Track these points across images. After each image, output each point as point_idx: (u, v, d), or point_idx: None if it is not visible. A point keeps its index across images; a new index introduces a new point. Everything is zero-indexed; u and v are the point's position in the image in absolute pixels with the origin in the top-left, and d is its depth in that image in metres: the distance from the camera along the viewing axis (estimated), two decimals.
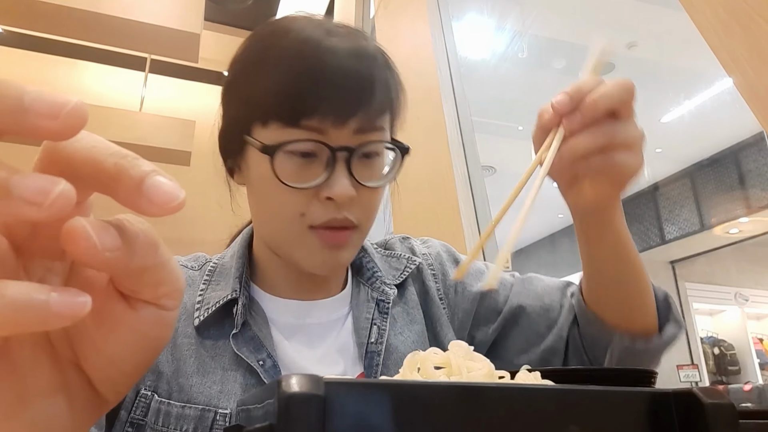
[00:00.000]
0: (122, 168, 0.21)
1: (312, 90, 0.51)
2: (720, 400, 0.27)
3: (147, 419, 0.52)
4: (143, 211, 0.21)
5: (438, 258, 0.71)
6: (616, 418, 0.28)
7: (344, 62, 0.52)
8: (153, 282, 0.24)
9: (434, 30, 1.98)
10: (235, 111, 0.58)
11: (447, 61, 1.91)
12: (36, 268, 0.24)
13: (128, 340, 0.25)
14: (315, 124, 0.52)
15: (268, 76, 0.54)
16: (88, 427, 0.27)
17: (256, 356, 0.55)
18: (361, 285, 0.65)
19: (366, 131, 0.54)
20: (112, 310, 0.24)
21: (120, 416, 0.53)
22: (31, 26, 3.14)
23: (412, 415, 0.24)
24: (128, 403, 0.53)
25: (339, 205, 0.53)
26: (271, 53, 0.55)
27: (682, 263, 6.43)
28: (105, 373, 0.26)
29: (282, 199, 0.54)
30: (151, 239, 0.23)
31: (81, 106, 0.20)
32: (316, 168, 0.53)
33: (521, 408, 0.26)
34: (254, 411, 0.29)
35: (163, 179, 0.21)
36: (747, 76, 0.75)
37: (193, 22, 3.03)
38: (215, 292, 0.60)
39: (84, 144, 0.22)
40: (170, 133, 3.20)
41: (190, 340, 0.57)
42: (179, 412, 0.53)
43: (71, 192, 0.19)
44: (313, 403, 0.22)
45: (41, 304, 0.19)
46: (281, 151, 0.52)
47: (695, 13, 0.84)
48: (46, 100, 0.19)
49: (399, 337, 0.62)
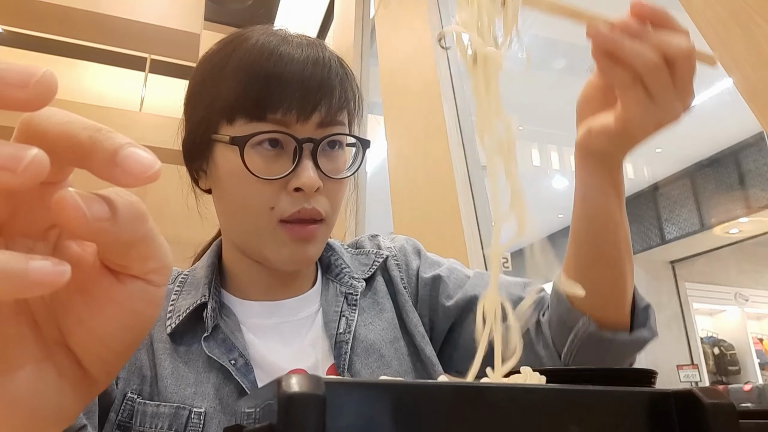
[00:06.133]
0: (96, 140, 0.21)
1: (276, 85, 0.54)
2: (720, 400, 0.27)
3: (132, 422, 0.54)
4: (119, 182, 0.21)
5: (402, 250, 0.73)
6: (616, 418, 0.28)
7: (305, 61, 0.56)
8: (141, 256, 0.24)
9: (434, 30, 1.98)
10: (200, 114, 0.59)
11: (447, 61, 1.91)
12: (18, 248, 0.24)
13: (116, 316, 0.25)
14: (280, 117, 0.54)
15: (233, 76, 0.56)
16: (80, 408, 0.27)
17: (227, 356, 0.56)
18: (330, 282, 0.67)
19: (328, 125, 0.57)
20: (99, 285, 0.25)
21: (109, 418, 0.54)
22: (31, 26, 3.14)
23: (412, 415, 0.24)
24: (117, 405, 0.54)
25: (307, 195, 0.55)
26: (234, 56, 0.57)
27: (682, 263, 6.44)
28: (93, 351, 0.26)
29: (251, 193, 0.56)
30: (140, 211, 0.23)
31: (50, 76, 0.20)
32: (283, 161, 0.55)
33: (521, 408, 0.26)
34: (254, 411, 0.29)
35: (139, 150, 0.21)
36: (747, 76, 0.75)
37: (193, 22, 3.04)
38: (185, 300, 0.61)
39: (58, 119, 0.22)
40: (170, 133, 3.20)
41: (165, 345, 0.58)
42: (154, 411, 0.54)
43: (44, 158, 0.19)
44: (313, 403, 0.22)
45: (19, 271, 0.19)
46: (250, 142, 0.54)
47: (695, 13, 0.84)
48: (15, 70, 0.20)
49: (368, 326, 0.64)
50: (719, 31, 0.79)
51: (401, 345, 0.64)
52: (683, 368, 5.48)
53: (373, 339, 0.63)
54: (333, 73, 0.57)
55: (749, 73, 0.75)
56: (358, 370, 0.60)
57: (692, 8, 0.84)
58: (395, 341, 0.64)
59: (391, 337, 0.64)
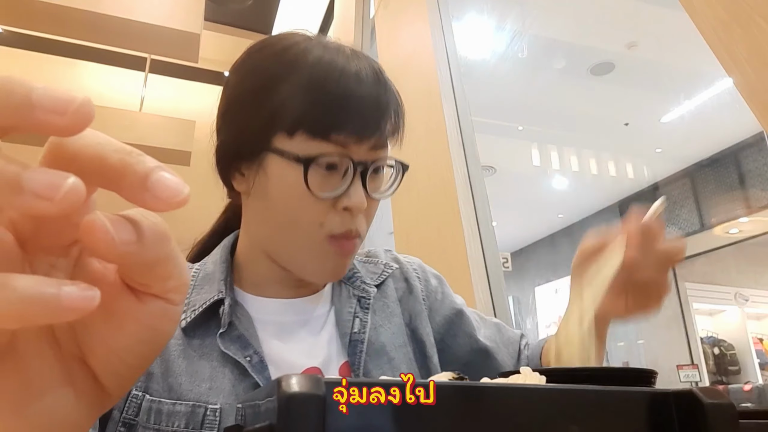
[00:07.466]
0: (127, 164, 0.22)
1: (343, 107, 0.56)
2: (720, 400, 0.27)
3: (138, 419, 0.54)
4: (148, 206, 0.22)
5: (420, 266, 0.78)
6: (616, 418, 0.28)
7: (369, 84, 0.58)
8: (162, 275, 0.25)
9: (434, 30, 1.98)
10: (255, 120, 0.59)
11: (447, 61, 1.91)
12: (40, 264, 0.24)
13: (135, 334, 0.25)
14: (341, 139, 0.56)
15: (300, 90, 0.57)
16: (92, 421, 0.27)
17: (243, 353, 0.57)
18: (342, 284, 0.69)
19: (380, 147, 0.59)
20: (120, 304, 0.25)
21: (113, 416, 0.54)
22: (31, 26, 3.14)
23: (411, 415, 0.24)
24: (120, 403, 0.55)
25: (353, 215, 0.58)
26: (298, 69, 0.58)
27: (682, 263, 6.42)
28: (111, 366, 0.26)
29: (303, 209, 0.57)
30: (164, 232, 0.23)
31: (88, 103, 0.20)
32: (334, 180, 0.57)
33: (521, 408, 0.26)
34: (254, 411, 0.29)
35: (168, 174, 0.22)
36: (747, 76, 0.75)
37: (193, 22, 3.04)
38: (200, 295, 0.62)
39: (89, 141, 0.22)
40: (170, 133, 3.20)
41: (177, 341, 0.59)
42: (170, 409, 0.54)
43: (81, 186, 0.20)
44: (313, 403, 0.22)
45: (52, 297, 0.19)
46: (314, 162, 0.55)
47: (695, 13, 0.84)
48: (54, 97, 0.20)
49: (379, 330, 0.66)
50: (719, 31, 0.79)
51: (408, 350, 0.67)
52: (683, 368, 5.47)
53: (384, 342, 0.65)
54: (390, 95, 0.60)
55: (749, 73, 0.75)
56: (370, 369, 0.62)
57: (692, 8, 0.84)
58: (403, 346, 0.67)
59: (400, 341, 0.67)
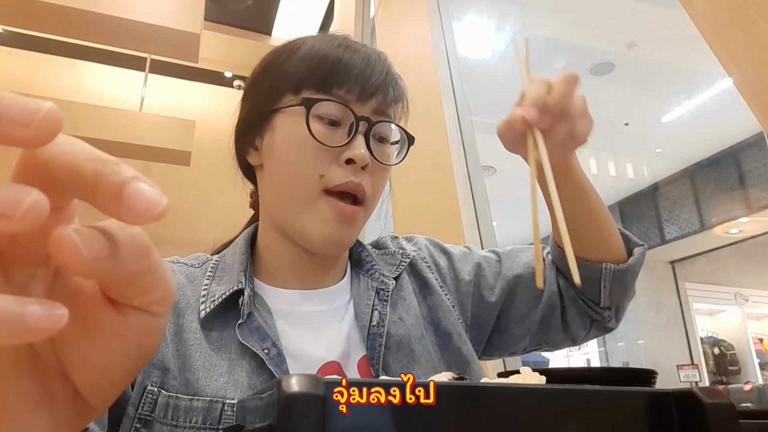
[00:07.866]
0: (101, 174, 0.20)
1: (342, 67, 0.60)
2: (720, 400, 0.27)
3: (155, 414, 0.53)
4: (123, 219, 0.20)
5: (427, 251, 0.77)
6: (616, 418, 0.28)
7: (368, 55, 0.63)
8: (144, 288, 0.23)
9: (434, 30, 1.98)
10: (264, 91, 0.64)
11: (447, 61, 1.91)
12: (17, 275, 0.23)
13: (116, 348, 0.24)
14: (343, 94, 0.60)
15: (302, 58, 0.62)
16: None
17: (261, 345, 0.57)
18: (361, 276, 0.69)
19: (382, 113, 0.63)
20: (100, 317, 0.24)
21: (128, 412, 0.53)
22: (31, 26, 3.14)
23: (411, 415, 0.24)
24: (135, 399, 0.54)
25: (356, 169, 0.60)
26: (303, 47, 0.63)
27: (682, 263, 6.43)
28: (92, 380, 0.25)
29: (304, 158, 0.60)
30: (142, 245, 0.22)
31: (54, 112, 0.19)
32: (339, 135, 0.60)
33: (521, 408, 0.26)
34: (254, 411, 0.29)
35: (145, 186, 0.20)
36: (747, 76, 0.75)
37: (193, 22, 3.03)
38: (219, 286, 0.62)
39: (62, 149, 0.21)
40: (170, 133, 3.20)
41: (195, 335, 0.58)
42: (188, 405, 0.54)
43: (43, 203, 0.19)
44: (313, 403, 0.22)
45: (14, 317, 0.18)
46: (313, 110, 0.59)
47: (695, 13, 0.84)
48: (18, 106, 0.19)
49: (398, 322, 0.66)
50: (719, 31, 0.79)
51: (427, 342, 0.66)
52: (683, 368, 5.47)
53: (404, 334, 0.65)
54: (391, 74, 0.65)
55: (749, 73, 0.75)
56: (389, 363, 0.61)
57: (692, 8, 0.84)
58: (422, 338, 0.66)
59: (419, 333, 0.66)
